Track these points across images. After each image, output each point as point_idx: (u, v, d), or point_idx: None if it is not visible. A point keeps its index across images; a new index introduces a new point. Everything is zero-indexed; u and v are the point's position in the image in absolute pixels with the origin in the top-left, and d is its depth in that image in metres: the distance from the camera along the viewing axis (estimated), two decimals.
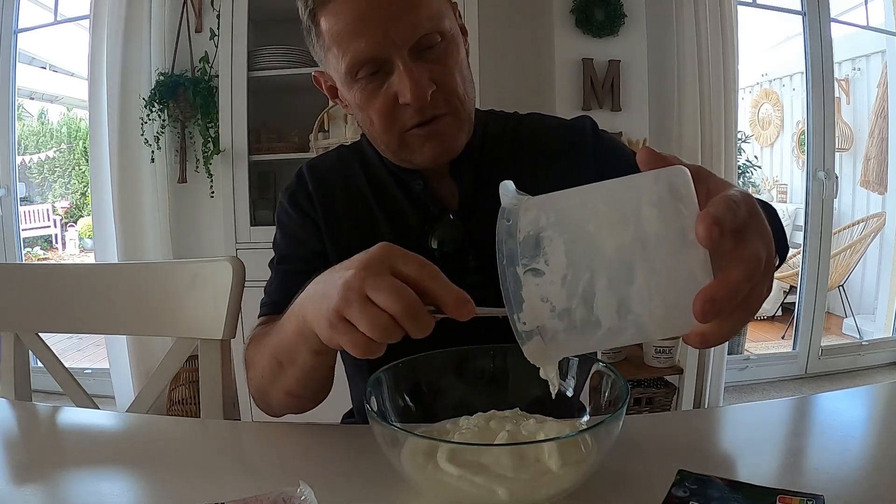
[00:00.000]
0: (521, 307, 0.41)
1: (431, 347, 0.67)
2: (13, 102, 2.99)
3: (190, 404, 2.52)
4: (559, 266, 0.40)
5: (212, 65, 2.56)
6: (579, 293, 0.40)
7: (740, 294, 0.38)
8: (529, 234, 0.41)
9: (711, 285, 0.38)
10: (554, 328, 0.41)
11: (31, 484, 0.63)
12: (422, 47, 0.72)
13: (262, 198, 2.41)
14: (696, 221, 0.37)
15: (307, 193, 0.88)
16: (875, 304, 3.70)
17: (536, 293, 0.41)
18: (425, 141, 0.76)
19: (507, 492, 0.49)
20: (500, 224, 0.43)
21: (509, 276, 0.42)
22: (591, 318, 0.40)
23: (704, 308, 0.37)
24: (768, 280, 0.43)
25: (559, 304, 0.41)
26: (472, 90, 0.80)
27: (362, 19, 0.70)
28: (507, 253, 0.42)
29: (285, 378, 0.69)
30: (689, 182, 0.40)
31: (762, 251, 0.41)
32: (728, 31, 2.52)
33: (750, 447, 0.65)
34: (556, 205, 0.42)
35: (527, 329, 0.42)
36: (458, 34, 0.77)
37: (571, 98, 2.63)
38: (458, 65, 0.76)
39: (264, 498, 0.50)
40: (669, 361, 2.53)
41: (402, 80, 0.71)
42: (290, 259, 0.88)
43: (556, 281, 0.40)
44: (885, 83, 3.74)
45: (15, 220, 3.06)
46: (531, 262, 0.41)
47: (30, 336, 1.01)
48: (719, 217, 0.37)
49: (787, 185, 4.89)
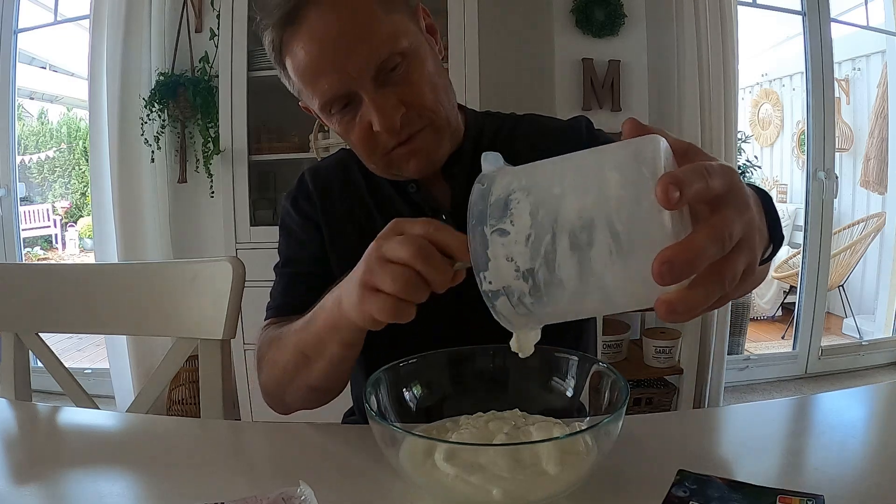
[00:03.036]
0: (486, 266, 0.42)
1: (432, 347, 0.67)
2: (13, 102, 2.99)
3: (190, 404, 2.51)
4: (523, 226, 0.41)
5: (212, 65, 2.56)
6: (542, 253, 0.40)
7: (703, 259, 0.36)
8: (500, 198, 0.43)
9: (671, 246, 0.36)
10: (519, 289, 0.42)
11: (31, 484, 0.63)
12: (384, 71, 0.72)
13: (262, 198, 2.41)
14: (657, 182, 0.36)
15: (308, 196, 0.90)
16: (875, 304, 3.70)
17: (502, 252, 0.41)
18: (409, 158, 0.78)
19: (502, 492, 0.49)
20: (474, 188, 0.45)
21: (477, 235, 0.42)
22: (554, 279, 0.40)
23: (662, 269, 0.36)
24: (746, 256, 0.40)
25: (523, 263, 0.41)
26: (446, 95, 0.79)
27: (318, 62, 0.71)
28: (477, 214, 0.43)
29: (310, 372, 0.71)
30: (657, 148, 0.39)
31: (736, 222, 0.39)
32: (728, 31, 2.52)
33: (750, 447, 0.65)
34: (530, 171, 0.44)
35: (493, 288, 0.43)
36: (420, 45, 0.76)
37: (571, 98, 2.63)
38: (424, 77, 0.75)
39: (264, 498, 0.50)
40: (669, 361, 2.53)
41: (369, 112, 0.72)
42: (295, 262, 0.89)
43: (521, 241, 0.41)
44: (885, 83, 3.74)
45: (15, 220, 3.05)
46: (498, 223, 0.42)
47: (30, 336, 1.01)
48: (681, 178, 0.35)
49: (787, 185, 4.88)
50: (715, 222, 0.38)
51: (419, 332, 0.81)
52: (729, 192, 0.39)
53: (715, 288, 0.38)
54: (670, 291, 0.38)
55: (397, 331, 0.78)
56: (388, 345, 0.75)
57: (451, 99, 0.81)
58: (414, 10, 0.79)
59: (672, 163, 0.41)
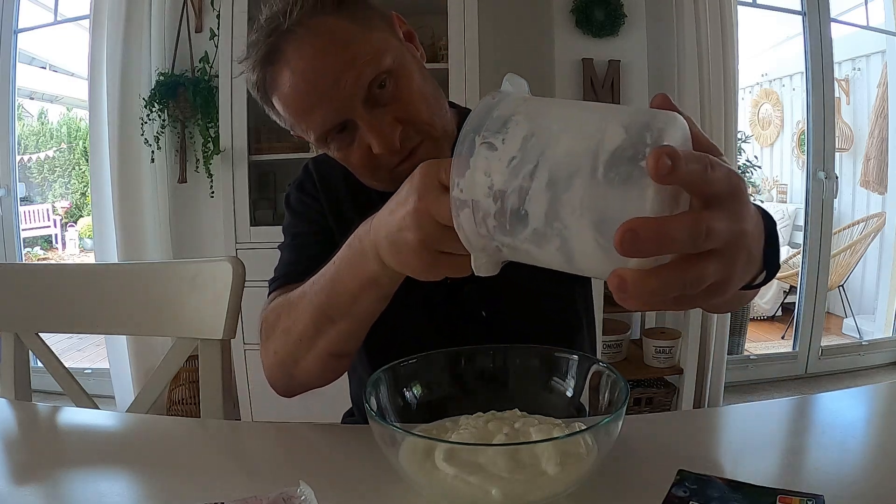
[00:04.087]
0: (463, 174, 0.42)
1: (430, 347, 0.67)
2: (13, 102, 2.99)
3: (190, 404, 2.51)
4: (512, 148, 0.40)
5: (212, 65, 2.56)
6: (518, 179, 0.39)
7: (668, 242, 0.34)
8: (502, 115, 0.42)
9: (640, 217, 0.34)
10: (486, 208, 0.41)
11: (31, 484, 0.63)
12: (373, 93, 0.71)
13: (262, 198, 2.41)
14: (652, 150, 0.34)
15: (314, 183, 0.90)
16: (875, 304, 3.70)
17: (483, 166, 0.41)
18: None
19: (501, 492, 0.49)
20: (484, 98, 0.44)
21: (467, 140, 0.42)
22: (521, 211, 0.39)
23: (624, 236, 0.33)
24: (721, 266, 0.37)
25: (497, 183, 0.40)
26: (438, 103, 0.78)
27: (306, 96, 0.71)
28: (476, 121, 0.42)
29: (333, 334, 0.68)
30: (671, 122, 0.37)
31: (721, 224, 0.36)
32: (728, 31, 2.52)
33: (750, 447, 0.65)
34: (542, 102, 0.43)
35: (462, 197, 0.42)
36: (404, 57, 0.75)
37: (571, 98, 2.63)
38: (415, 91, 0.74)
39: (264, 498, 0.50)
40: (669, 361, 2.53)
41: (367, 135, 0.72)
42: (303, 235, 0.89)
43: (504, 160, 0.40)
44: (885, 83, 3.74)
45: (15, 220, 3.06)
46: (490, 137, 0.41)
47: (30, 336, 1.01)
48: (677, 155, 0.33)
49: (787, 185, 4.89)
50: (696, 214, 0.36)
51: (419, 326, 0.82)
52: (728, 196, 0.37)
53: (674, 283, 0.36)
54: (627, 269, 0.36)
55: (397, 331, 0.79)
56: (388, 344, 0.75)
57: (444, 105, 0.80)
58: (390, 21, 0.77)
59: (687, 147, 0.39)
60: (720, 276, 0.38)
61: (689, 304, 0.40)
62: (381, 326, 0.68)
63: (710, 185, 0.36)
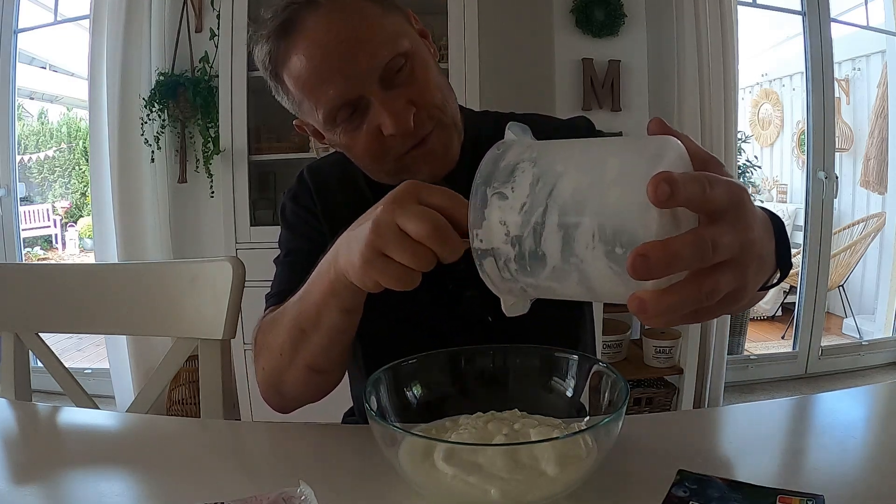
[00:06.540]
0: (480, 224, 0.44)
1: (431, 346, 0.67)
2: (13, 102, 2.99)
3: (190, 404, 2.52)
4: (522, 194, 0.42)
5: (212, 65, 2.56)
6: (531, 223, 0.41)
7: (679, 262, 0.36)
8: (509, 164, 0.44)
9: (650, 242, 0.36)
10: (506, 253, 0.43)
11: (31, 484, 0.63)
12: (389, 73, 0.71)
13: (262, 198, 2.41)
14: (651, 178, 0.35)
15: (309, 192, 0.89)
16: (875, 304, 3.70)
17: (497, 215, 0.43)
18: (423, 160, 0.76)
19: (500, 492, 0.49)
20: (490, 151, 0.46)
21: (479, 194, 0.44)
22: (538, 251, 0.41)
23: (635, 262, 0.35)
24: (734, 276, 0.39)
25: (513, 229, 0.42)
26: (449, 93, 0.78)
27: (322, 69, 0.70)
28: (485, 174, 0.45)
29: (308, 347, 0.68)
30: (666, 147, 0.40)
31: (727, 237, 0.38)
32: (728, 31, 2.52)
33: (750, 447, 0.65)
34: (544, 146, 0.45)
35: (482, 247, 0.44)
36: (419, 46, 0.75)
37: (571, 98, 2.63)
38: (430, 77, 0.74)
39: (264, 498, 0.50)
40: (669, 361, 2.53)
41: (381, 114, 0.71)
42: (297, 252, 0.88)
43: (516, 207, 0.42)
44: (885, 83, 3.74)
45: (15, 220, 3.06)
46: (500, 187, 0.43)
47: (30, 336, 1.01)
48: (676, 179, 0.35)
49: (787, 185, 4.88)
50: (702, 231, 0.38)
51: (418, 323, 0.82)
52: (731, 208, 0.39)
53: (690, 298, 0.38)
54: (645, 290, 0.38)
55: (397, 329, 0.78)
56: (388, 343, 0.75)
57: (455, 98, 0.80)
58: (407, 14, 0.78)
59: (686, 168, 0.41)
60: (734, 285, 0.40)
61: (708, 315, 0.43)
62: (384, 338, 0.68)
63: (710, 203, 0.38)
